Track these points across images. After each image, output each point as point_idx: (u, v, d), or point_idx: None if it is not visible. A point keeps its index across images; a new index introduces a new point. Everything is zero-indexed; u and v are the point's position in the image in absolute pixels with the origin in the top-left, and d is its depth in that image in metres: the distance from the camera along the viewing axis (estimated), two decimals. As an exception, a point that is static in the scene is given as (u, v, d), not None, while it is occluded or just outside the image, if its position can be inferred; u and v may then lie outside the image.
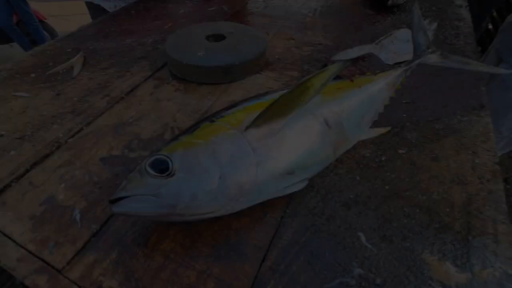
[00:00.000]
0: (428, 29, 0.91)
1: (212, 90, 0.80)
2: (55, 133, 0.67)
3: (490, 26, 2.55)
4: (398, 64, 0.70)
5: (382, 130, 0.63)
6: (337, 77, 0.69)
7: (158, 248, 0.47)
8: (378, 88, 0.61)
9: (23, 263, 0.45)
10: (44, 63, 0.91)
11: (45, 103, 0.76)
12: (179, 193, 0.42)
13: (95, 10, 1.56)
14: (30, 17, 2.80)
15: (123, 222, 0.51)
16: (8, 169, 0.59)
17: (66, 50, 0.97)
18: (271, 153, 0.47)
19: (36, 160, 0.61)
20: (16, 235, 0.49)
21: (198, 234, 0.49)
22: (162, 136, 0.67)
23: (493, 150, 0.63)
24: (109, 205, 0.43)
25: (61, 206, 0.53)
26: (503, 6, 2.19)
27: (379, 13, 1.19)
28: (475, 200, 0.54)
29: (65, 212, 0.52)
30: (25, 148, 0.64)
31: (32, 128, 0.69)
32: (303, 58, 0.92)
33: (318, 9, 1.23)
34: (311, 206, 0.53)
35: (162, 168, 0.42)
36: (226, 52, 0.81)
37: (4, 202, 0.54)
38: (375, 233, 0.49)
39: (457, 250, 0.47)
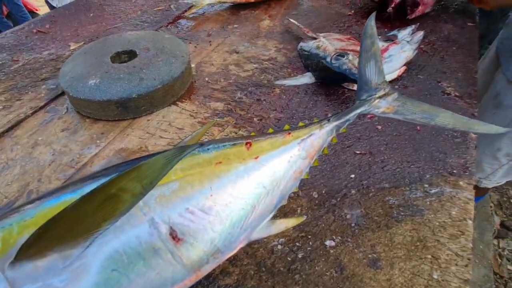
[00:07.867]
0: (409, 41, 0.67)
1: (107, 129, 0.62)
2: None
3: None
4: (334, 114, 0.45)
5: (292, 222, 0.41)
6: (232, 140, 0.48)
7: None
8: (287, 158, 0.40)
9: None
10: None
11: None
12: None
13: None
14: (19, 8, 2.71)
15: None
16: None
17: (-31, 66, 0.83)
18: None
19: None
20: None
21: None
22: (13, 205, 0.50)
23: (467, 253, 0.41)
24: None
25: None
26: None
27: (363, 16, 0.94)
28: None
29: None
30: None
31: None
32: (238, 82, 0.71)
33: (281, 10, 0.99)
34: None
35: None
36: (127, 79, 0.62)
37: None
38: None
39: None
